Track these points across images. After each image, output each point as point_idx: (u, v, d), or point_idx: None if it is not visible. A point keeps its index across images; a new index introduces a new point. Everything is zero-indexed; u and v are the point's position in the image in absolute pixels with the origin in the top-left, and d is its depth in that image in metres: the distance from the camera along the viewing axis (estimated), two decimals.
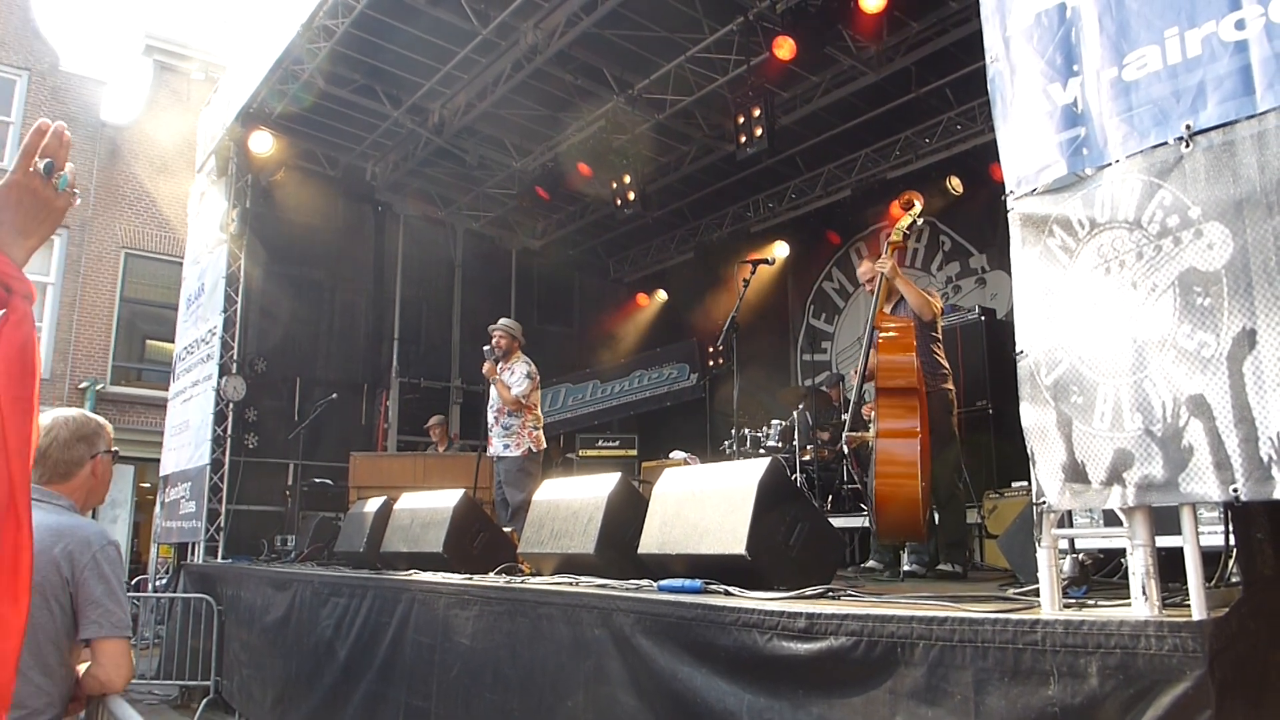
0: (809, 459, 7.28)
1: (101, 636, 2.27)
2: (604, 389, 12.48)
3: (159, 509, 11.02)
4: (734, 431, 7.12)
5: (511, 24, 7.89)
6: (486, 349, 7.02)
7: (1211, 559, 2.39)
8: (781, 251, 11.17)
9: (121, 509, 14.83)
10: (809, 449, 7.36)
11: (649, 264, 13.35)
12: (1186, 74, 2.10)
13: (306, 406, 9.86)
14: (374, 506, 6.14)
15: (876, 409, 4.70)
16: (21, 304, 1.23)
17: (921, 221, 5.33)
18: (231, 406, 9.52)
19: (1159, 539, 2.10)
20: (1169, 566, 2.20)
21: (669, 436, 10.45)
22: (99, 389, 14.70)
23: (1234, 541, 2.47)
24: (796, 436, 7.33)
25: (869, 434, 4.78)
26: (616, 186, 9.65)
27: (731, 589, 3.09)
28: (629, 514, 3.98)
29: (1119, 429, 2.11)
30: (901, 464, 4.44)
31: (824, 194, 10.81)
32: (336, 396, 9.56)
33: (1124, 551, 2.16)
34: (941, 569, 4.83)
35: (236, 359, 9.67)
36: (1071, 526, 2.70)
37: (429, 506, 5.39)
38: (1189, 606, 1.94)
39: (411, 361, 11.53)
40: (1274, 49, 1.96)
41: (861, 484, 5.76)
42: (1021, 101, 2.46)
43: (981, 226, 9.33)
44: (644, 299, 13.26)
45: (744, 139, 7.88)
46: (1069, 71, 2.35)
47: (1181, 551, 2.03)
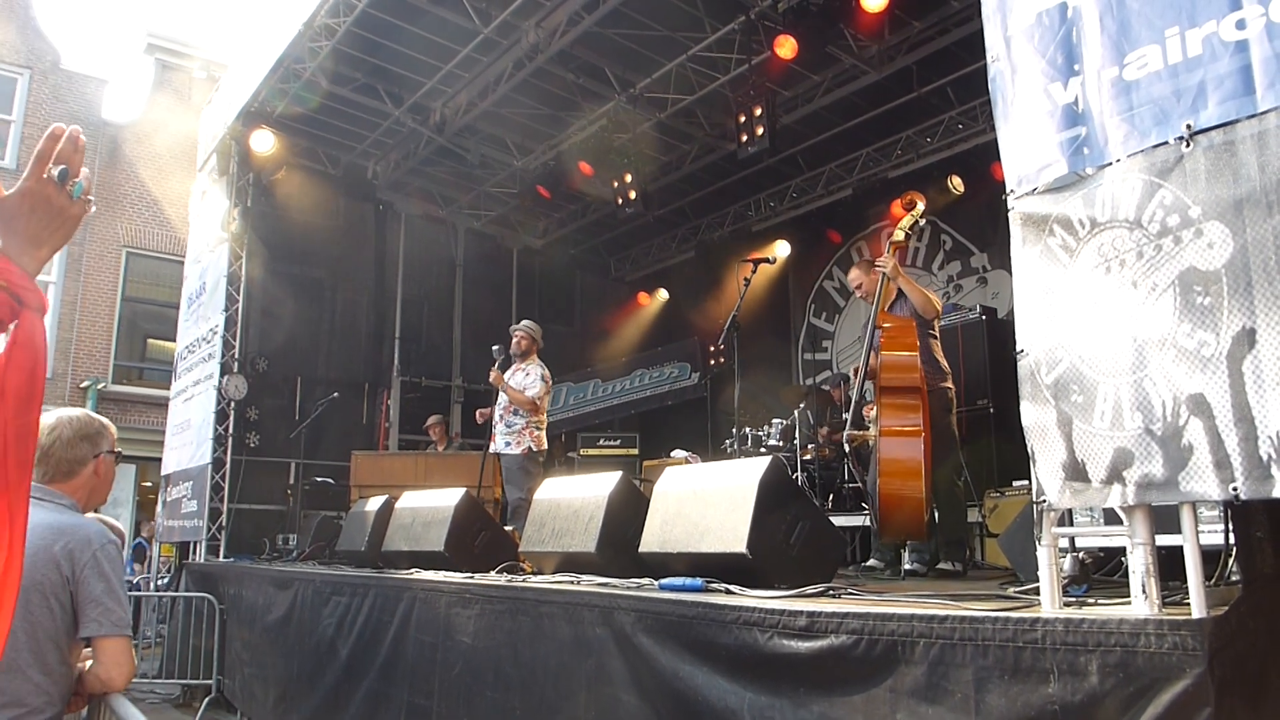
0: (810, 458, 7.29)
1: (102, 635, 2.28)
2: (605, 388, 12.49)
3: (160, 508, 11.04)
4: (735, 430, 7.14)
5: (513, 23, 7.90)
6: (497, 349, 7.03)
7: (1211, 557, 2.40)
8: (783, 250, 11.19)
9: (123, 508, 14.86)
10: (810, 448, 7.36)
11: (650, 263, 13.35)
12: (1187, 73, 2.10)
13: (308, 405, 9.87)
14: (375, 505, 6.14)
15: (878, 408, 4.70)
16: (33, 318, 1.18)
17: (923, 221, 5.33)
18: (233, 405, 9.53)
19: (1159, 538, 2.10)
20: (1169, 565, 2.21)
21: (670, 435, 10.45)
22: (100, 388, 14.71)
23: (1234, 540, 2.48)
24: (797, 435, 7.33)
25: (870, 433, 4.78)
26: (618, 185, 9.66)
27: (732, 587, 3.10)
28: (630, 513, 3.98)
29: (1119, 428, 2.11)
30: (904, 463, 4.43)
31: (825, 193, 10.82)
32: (338, 395, 9.58)
33: (1124, 550, 2.16)
34: (942, 568, 4.83)
35: (238, 358, 9.68)
36: (1072, 525, 2.71)
37: (430, 505, 5.39)
38: (1189, 605, 1.94)
39: (413, 360, 11.54)
40: (1274, 49, 1.96)
41: (862, 483, 5.76)
42: (1022, 101, 2.46)
43: (983, 226, 9.33)
44: (645, 298, 13.26)
45: (745, 138, 7.89)
46: (1070, 71, 2.35)
47: (1181, 550, 2.03)
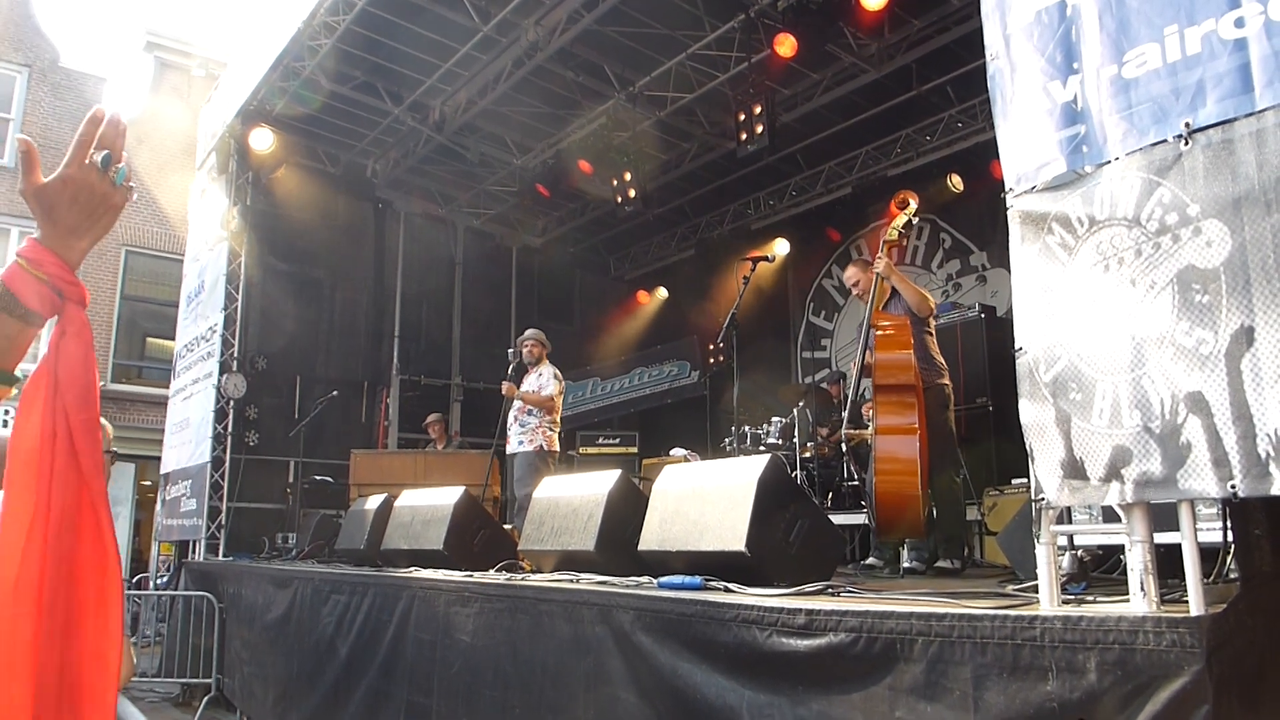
0: (809, 456, 7.29)
1: None
2: (604, 386, 12.49)
3: (160, 506, 11.03)
4: (734, 429, 7.14)
5: (513, 21, 7.89)
6: (511, 351, 7.19)
7: (1210, 555, 2.40)
8: (782, 249, 11.18)
9: (122, 506, 14.85)
10: (809, 446, 7.36)
11: (650, 261, 13.35)
12: (1186, 72, 2.10)
13: (307, 404, 9.87)
14: (375, 504, 6.14)
15: (874, 407, 4.71)
16: (76, 312, 1.14)
17: (917, 221, 5.34)
18: (232, 404, 9.53)
19: (1157, 535, 2.10)
20: (1167, 563, 2.21)
21: (669, 434, 10.46)
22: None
23: (1232, 538, 2.48)
24: (797, 434, 7.33)
25: (867, 432, 4.78)
26: (617, 184, 9.65)
27: (731, 586, 3.10)
28: (629, 511, 3.99)
29: (1117, 426, 2.12)
30: (900, 461, 4.44)
31: (825, 191, 10.82)
32: (337, 394, 9.57)
33: (1123, 548, 2.17)
34: (941, 565, 4.84)
35: (237, 356, 9.67)
36: (1070, 523, 2.71)
37: (429, 504, 5.40)
38: (1187, 602, 1.95)
39: (412, 359, 11.53)
40: (1273, 47, 1.96)
41: (860, 481, 5.77)
42: (1021, 99, 2.46)
43: (982, 224, 9.34)
44: (644, 296, 13.26)
45: (745, 136, 7.88)
46: (1069, 69, 2.35)
47: (1180, 548, 2.04)
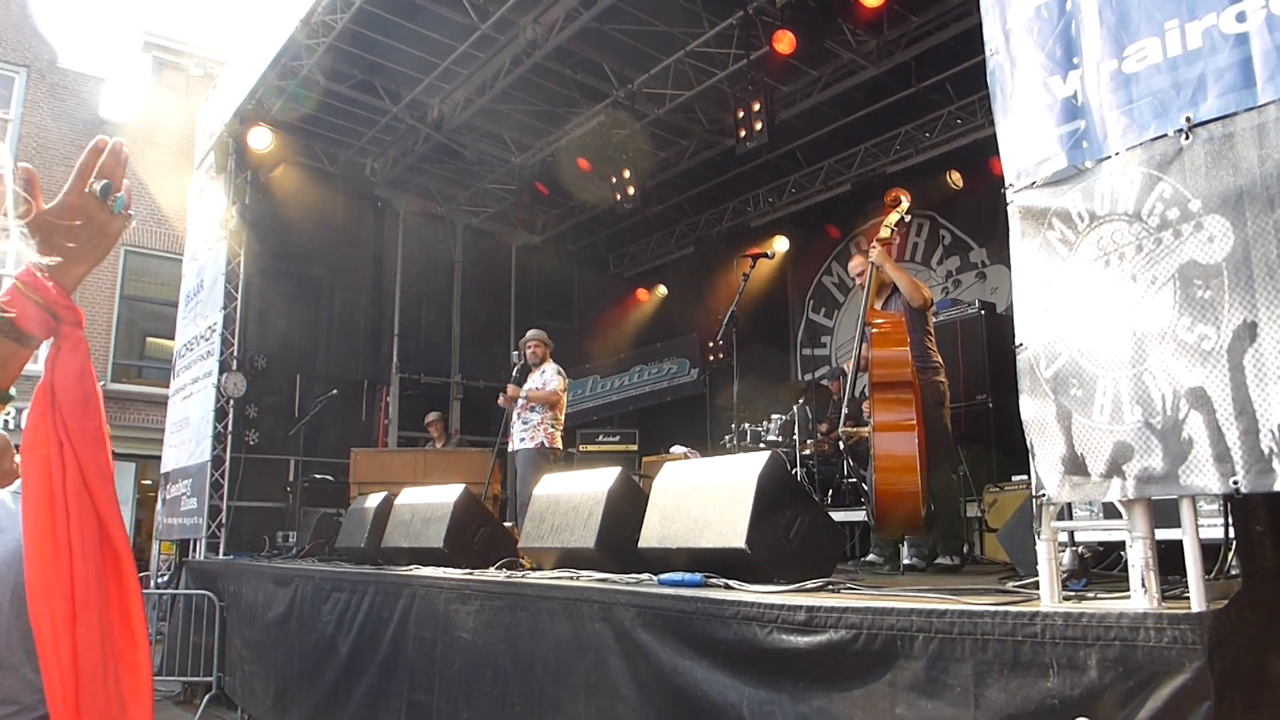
0: (809, 453, 7.28)
1: None
2: (604, 384, 12.49)
3: (160, 505, 11.03)
4: (734, 426, 7.13)
5: (510, 19, 7.87)
6: (515, 354, 7.26)
7: (1211, 551, 2.39)
8: (781, 246, 11.18)
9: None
10: (809, 443, 7.36)
11: (649, 259, 13.34)
12: (1187, 66, 2.10)
13: (307, 403, 9.86)
14: (375, 502, 6.14)
15: (871, 404, 4.70)
16: (72, 331, 1.17)
17: (909, 218, 5.35)
18: (232, 403, 9.52)
19: (1158, 531, 2.10)
20: (1168, 559, 2.20)
21: (669, 431, 10.45)
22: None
23: (1234, 534, 2.47)
24: (796, 431, 7.33)
25: (865, 430, 4.77)
26: (616, 182, 9.64)
27: (731, 583, 3.10)
28: (629, 508, 3.98)
29: (1118, 421, 2.11)
30: (899, 458, 4.43)
31: (824, 188, 10.82)
32: (337, 392, 9.58)
33: (1123, 544, 2.16)
34: (940, 562, 4.84)
35: (236, 355, 9.66)
36: (1071, 519, 2.71)
37: (429, 502, 5.39)
38: (1188, 599, 1.94)
39: (411, 357, 11.53)
40: (1275, 41, 1.95)
41: (859, 478, 5.76)
42: (1021, 94, 2.46)
43: (982, 220, 9.32)
44: (644, 294, 13.25)
45: (744, 133, 7.87)
46: (1069, 64, 2.34)
47: (1181, 544, 2.03)
